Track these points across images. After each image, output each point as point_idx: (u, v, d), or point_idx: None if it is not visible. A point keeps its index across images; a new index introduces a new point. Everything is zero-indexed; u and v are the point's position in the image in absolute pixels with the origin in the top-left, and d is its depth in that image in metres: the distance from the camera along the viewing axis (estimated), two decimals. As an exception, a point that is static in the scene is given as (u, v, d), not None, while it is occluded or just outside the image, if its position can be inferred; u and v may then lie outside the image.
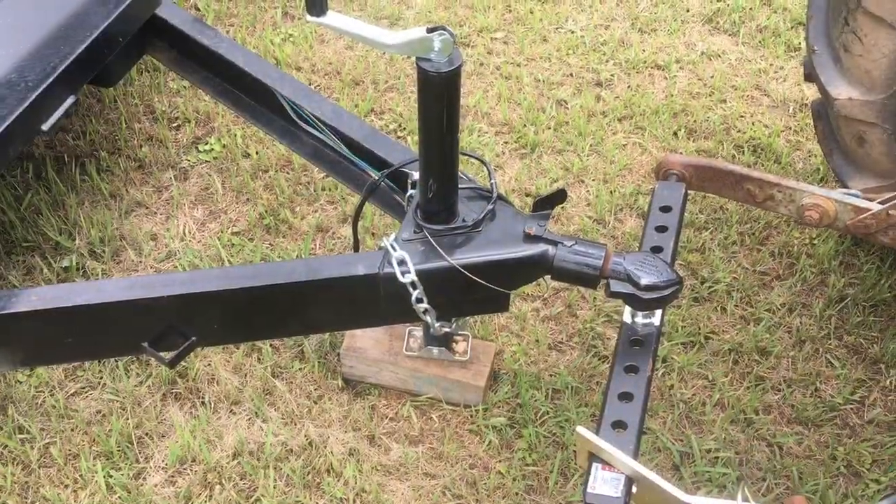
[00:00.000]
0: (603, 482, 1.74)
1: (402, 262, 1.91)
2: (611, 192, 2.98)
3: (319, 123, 2.32)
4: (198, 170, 3.05)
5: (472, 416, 2.36)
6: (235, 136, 3.13)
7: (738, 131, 3.21)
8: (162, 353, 1.94)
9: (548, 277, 1.97)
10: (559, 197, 2.02)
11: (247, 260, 2.72)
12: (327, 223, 2.86)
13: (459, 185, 2.01)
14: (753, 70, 3.48)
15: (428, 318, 2.02)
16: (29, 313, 1.81)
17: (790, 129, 3.24)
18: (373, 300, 1.96)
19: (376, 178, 2.22)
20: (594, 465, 1.75)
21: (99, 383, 2.42)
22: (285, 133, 2.48)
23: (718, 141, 3.16)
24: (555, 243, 1.94)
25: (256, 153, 3.07)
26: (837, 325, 2.58)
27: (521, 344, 2.53)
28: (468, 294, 1.98)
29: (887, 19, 2.17)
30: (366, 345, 2.39)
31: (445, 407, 2.38)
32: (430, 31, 1.66)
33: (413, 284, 1.92)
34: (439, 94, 1.73)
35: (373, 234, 2.82)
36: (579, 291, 2.67)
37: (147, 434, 2.31)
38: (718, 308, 2.63)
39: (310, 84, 3.35)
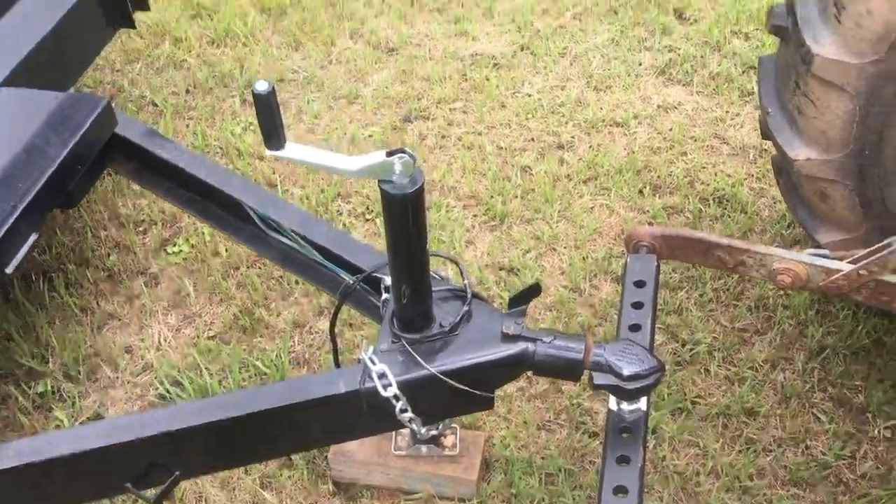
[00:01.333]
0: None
1: (382, 376, 1.89)
2: (583, 258, 2.99)
3: (289, 231, 2.30)
4: (168, 273, 3.02)
5: (467, 511, 2.34)
6: (203, 234, 3.11)
7: (702, 183, 3.25)
8: (146, 491, 1.89)
9: None
10: (534, 291, 2.01)
11: (226, 366, 2.68)
12: (303, 318, 2.84)
13: (433, 288, 2.00)
14: (710, 119, 3.53)
15: (414, 426, 1.99)
16: (7, 470, 1.76)
17: (752, 175, 3.28)
18: (356, 415, 1.94)
19: (350, 281, 2.20)
20: (596, 566, 1.73)
21: (83, 513, 2.36)
22: (254, 239, 2.46)
23: (684, 195, 3.19)
24: (534, 340, 1.93)
25: (226, 251, 3.04)
26: (821, 377, 2.59)
27: (510, 427, 2.51)
28: (452, 399, 1.96)
29: (837, 83, 2.21)
30: (353, 447, 2.36)
31: (439, 503, 2.35)
32: (389, 154, 1.66)
33: (396, 397, 1.90)
34: (404, 214, 1.73)
35: (350, 324, 2.79)
36: (562, 367, 2.65)
37: (137, 565, 2.25)
38: (702, 370, 2.63)
39: (273, 173, 3.35)
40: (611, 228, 3.10)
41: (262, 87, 1.61)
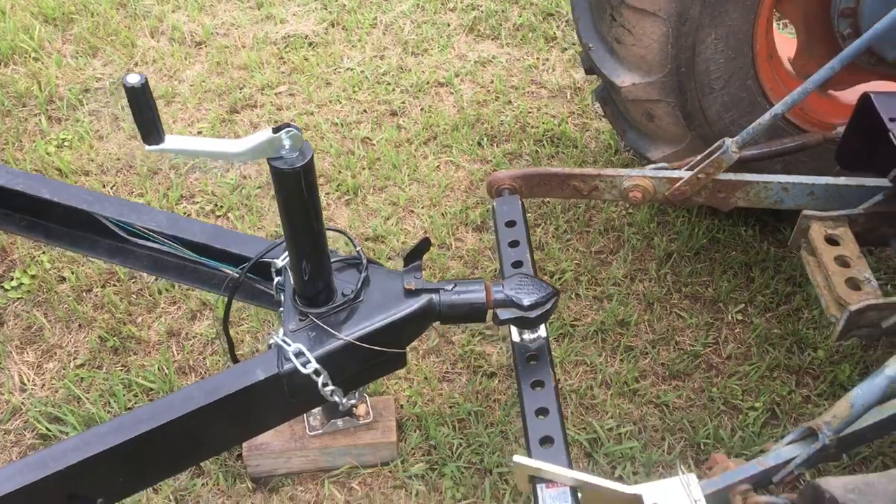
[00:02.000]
0: (552, 500, 1.83)
1: (299, 354, 1.89)
2: (442, 214, 3.08)
3: (156, 235, 2.21)
4: (12, 310, 2.79)
5: (392, 473, 2.38)
6: (42, 262, 2.90)
7: (532, 127, 3.44)
8: (71, 527, 1.78)
9: None
10: (425, 246, 2.08)
11: (107, 390, 2.54)
12: (177, 326, 2.73)
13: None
14: (524, 67, 3.72)
15: (336, 398, 2.00)
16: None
17: (574, 113, 3.51)
18: (279, 399, 1.92)
19: (235, 274, 2.16)
20: (538, 486, 1.84)
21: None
22: (114, 252, 2.32)
23: (519, 140, 3.37)
24: (436, 290, 2.00)
25: (73, 274, 2.86)
26: (674, 280, 2.86)
27: (413, 386, 2.57)
28: (369, 363, 1.99)
29: (649, 10, 2.42)
30: (267, 439, 2.33)
31: (363, 472, 2.38)
32: (275, 130, 1.65)
33: (316, 372, 1.90)
34: (297, 187, 1.73)
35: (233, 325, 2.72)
36: (447, 319, 2.74)
37: None
38: (573, 295, 2.82)
39: (104, 187, 3.17)
40: (460, 183, 3.22)
41: (133, 79, 1.55)
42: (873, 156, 2.05)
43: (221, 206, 3.11)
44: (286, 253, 2.03)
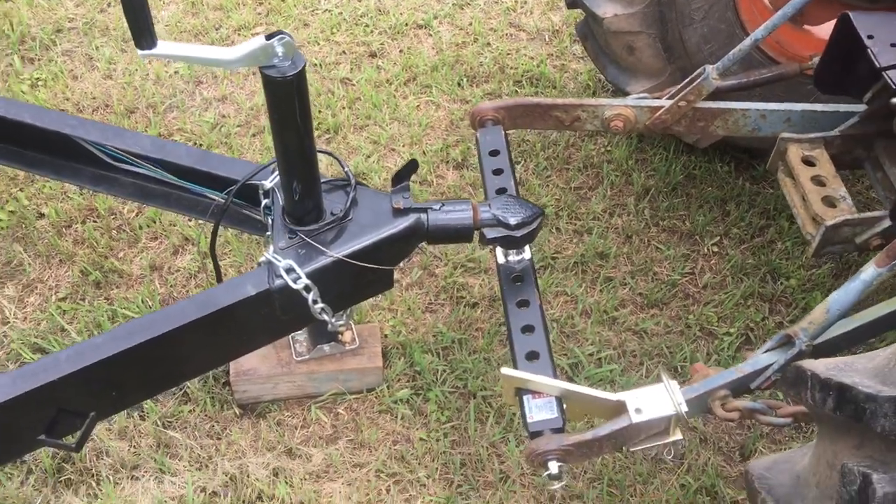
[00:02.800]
0: (538, 409, 1.89)
1: (290, 270, 1.91)
2: (423, 152, 3.10)
3: (139, 160, 2.20)
4: (-10, 246, 2.77)
5: (378, 398, 2.42)
6: (19, 199, 2.87)
7: (511, 68, 3.45)
8: (63, 440, 1.80)
9: None
10: (412, 167, 2.10)
11: (92, 321, 2.53)
12: (159, 260, 2.73)
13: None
14: (503, 10, 3.72)
15: (325, 317, 2.03)
16: None
17: (552, 55, 3.53)
18: (270, 315, 1.94)
19: (221, 199, 2.16)
20: (524, 397, 1.89)
21: (-27, 502, 2.18)
22: (98, 180, 2.31)
23: (498, 81, 3.38)
24: (424, 210, 2.03)
25: (52, 210, 2.83)
26: (652, 214, 2.91)
27: (397, 316, 2.60)
28: (357, 282, 2.02)
29: (631, -60, 2.44)
30: (254, 364, 2.35)
31: (350, 398, 2.42)
32: (268, 38, 1.65)
33: (307, 288, 1.92)
34: (289, 98, 1.73)
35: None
36: (431, 252, 2.78)
37: (53, 532, 2.13)
38: (553, 229, 2.86)
39: (81, 124, 3.12)
40: (440, 122, 3.23)
41: (125, -20, 1.53)
42: (850, 78, 2.10)
43: (201, 145, 3.09)
44: (274, 174, 2.04)
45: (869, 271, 1.70)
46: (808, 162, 2.14)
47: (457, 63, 3.46)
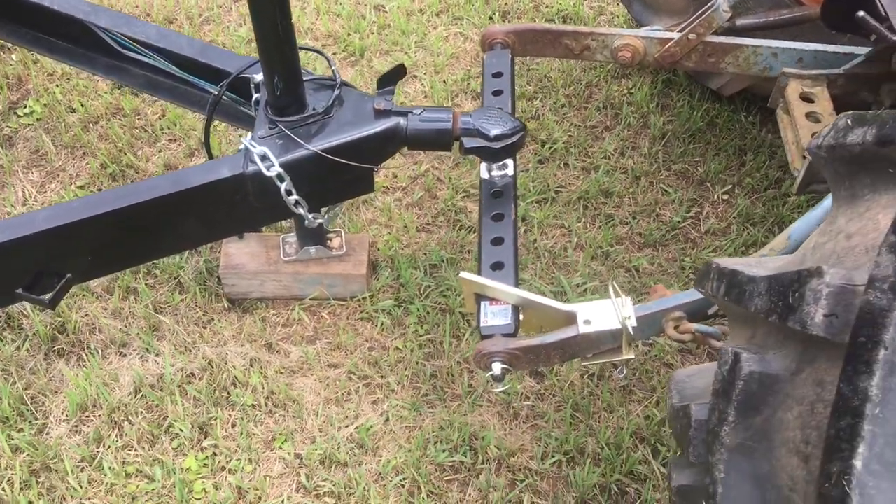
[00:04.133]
0: (493, 315, 1.90)
1: (264, 157, 1.96)
2: (444, 81, 3.11)
3: (146, 49, 2.29)
4: (22, 134, 2.92)
5: (360, 305, 2.47)
6: (55, 93, 3.01)
7: (546, 6, 3.41)
8: (40, 297, 1.91)
9: (404, 164, 2.07)
10: (399, 72, 2.12)
11: (100, 208, 2.66)
12: (174, 160, 2.83)
13: (304, 79, 2.07)
14: (549, -50, 3.67)
15: (300, 210, 2.08)
16: None
17: (592, -3, 3.47)
18: (243, 201, 2.01)
19: (216, 92, 2.23)
20: (482, 302, 1.91)
21: (-27, 359, 2.34)
22: (111, 69, 2.42)
23: (531, 18, 3.35)
24: (405, 114, 2.05)
25: (83, 106, 2.97)
26: (665, 158, 2.86)
27: (392, 232, 2.64)
28: (333, 178, 2.06)
29: None
30: (243, 260, 2.43)
31: (333, 303, 2.47)
32: (246, -83, 1.69)
33: (280, 177, 1.98)
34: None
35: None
36: (435, 175, 2.80)
37: (39, 392, 2.27)
38: (561, 164, 2.85)
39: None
40: (466, 53, 3.23)
41: None
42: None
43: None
44: (266, 67, 2.09)
45: (830, 198, 1.64)
46: (807, 98, 2.07)
47: (492, -2, 3.44)
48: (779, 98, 2.15)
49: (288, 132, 2.01)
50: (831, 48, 2.23)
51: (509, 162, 2.15)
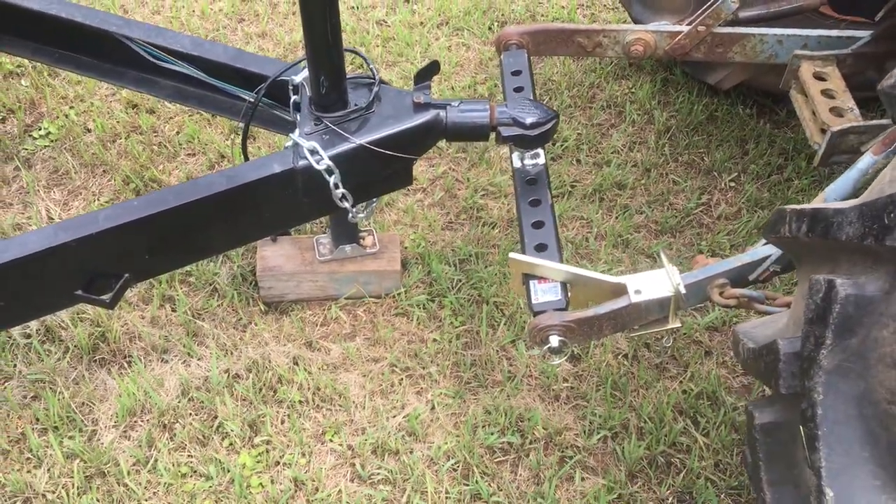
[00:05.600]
0: (543, 292, 1.98)
1: (314, 152, 2.03)
2: (451, 88, 3.21)
3: (177, 58, 2.34)
4: (40, 155, 2.94)
5: (395, 302, 2.52)
6: (69, 115, 3.04)
7: (542, 15, 3.54)
8: (100, 297, 1.93)
9: (422, 166, 2.14)
10: (434, 68, 2.21)
11: (129, 221, 2.68)
12: (196, 173, 2.87)
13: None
14: (538, -37, 3.81)
15: (346, 204, 2.14)
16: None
17: (583, 4, 3.62)
18: (293, 196, 2.06)
19: (252, 98, 2.28)
20: (531, 282, 1.98)
21: (14, 373, 2.33)
22: (140, 82, 2.47)
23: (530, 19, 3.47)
24: (443, 106, 2.13)
25: (98, 125, 2.99)
26: (671, 151, 2.98)
27: (418, 231, 2.71)
28: (377, 171, 2.13)
29: None
30: (279, 262, 2.47)
31: (368, 301, 2.52)
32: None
33: (329, 170, 2.04)
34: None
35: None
36: (453, 176, 2.88)
37: (86, 401, 2.27)
38: (574, 160, 2.95)
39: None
40: (470, 62, 3.34)
41: None
42: (863, -3, 2.16)
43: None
44: (303, 71, 2.16)
45: (865, 160, 1.76)
46: (820, 77, 2.20)
47: (489, 8, 3.56)
48: (791, 80, 2.28)
49: (334, 127, 2.07)
50: (834, 33, 2.38)
51: (540, 151, 2.24)
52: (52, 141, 2.98)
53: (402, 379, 2.36)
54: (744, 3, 2.55)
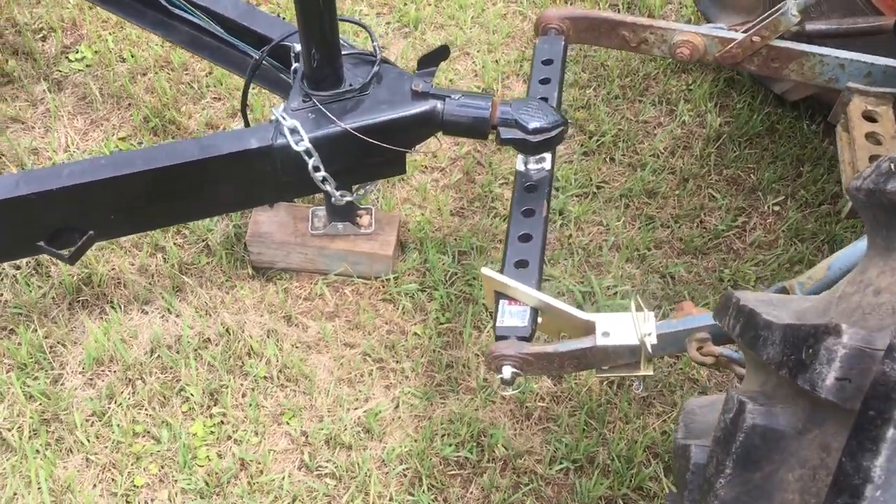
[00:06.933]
0: (510, 315, 1.84)
1: (294, 131, 1.92)
2: (496, 61, 3.02)
3: (191, 6, 2.25)
4: (72, 79, 2.93)
5: (384, 286, 2.43)
6: (107, 41, 3.01)
7: (611, -9, 3.28)
8: (61, 251, 1.91)
9: (445, 144, 2.01)
10: (442, 53, 2.05)
11: (137, 163, 2.66)
12: (216, 119, 2.81)
13: (343, 52, 2.02)
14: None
15: (327, 187, 2.04)
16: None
17: (660, -16, 3.33)
18: (270, 173, 1.97)
19: (259, 54, 2.19)
20: (501, 301, 1.85)
21: (0, 299, 2.37)
22: (158, 24, 2.40)
23: (595, 1, 3.23)
24: (442, 98, 1.98)
25: (132, 56, 2.96)
26: (716, 162, 2.74)
27: (425, 214, 2.59)
28: (364, 158, 2.01)
29: None
30: (271, 229, 2.40)
31: (357, 281, 2.44)
32: None
33: (308, 152, 1.94)
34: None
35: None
36: (475, 158, 2.73)
37: (59, 342, 2.29)
38: (607, 158, 2.75)
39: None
40: (523, 33, 3.13)
41: None
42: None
43: (285, 17, 3.13)
44: (304, 39, 2.04)
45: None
46: (870, 117, 1.94)
47: (557, -23, 3.32)
48: (840, 113, 2.02)
49: (321, 107, 1.96)
50: (905, 65, 2.09)
51: (547, 155, 2.07)
52: (85, 66, 2.97)
53: (372, 370, 2.28)
54: (812, 13, 2.27)
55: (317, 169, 1.98)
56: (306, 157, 1.94)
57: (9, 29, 3.05)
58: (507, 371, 1.76)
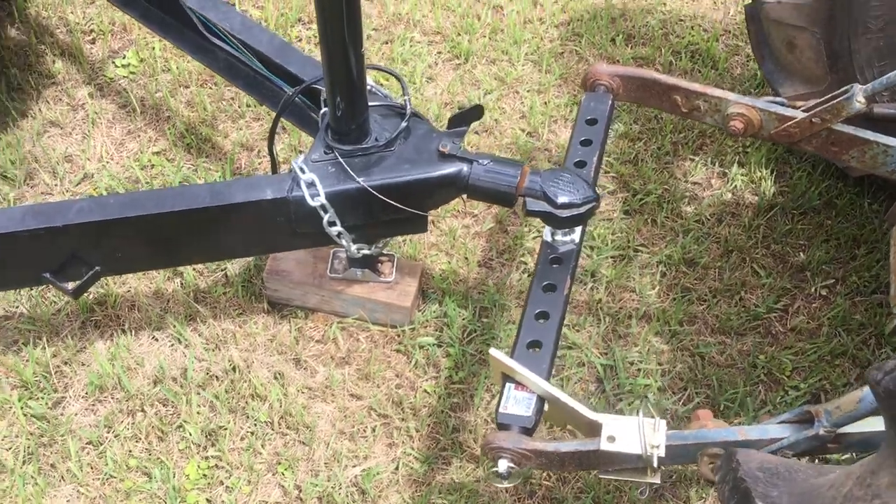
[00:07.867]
0: (515, 402, 1.74)
1: (311, 185, 1.85)
2: (545, 103, 2.90)
3: (229, 36, 2.20)
4: (115, 86, 2.91)
5: (399, 337, 2.35)
6: (154, 49, 2.98)
7: (677, 36, 3.13)
8: (65, 284, 1.87)
9: None
10: (475, 113, 1.96)
11: (166, 182, 2.62)
12: (252, 141, 2.76)
13: (372, 103, 1.93)
14: (697, -30, 3.36)
15: (343, 242, 1.97)
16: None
17: (729, 32, 3.16)
18: (284, 224, 1.91)
19: (289, 94, 2.12)
20: (507, 385, 1.76)
21: (16, 312, 2.36)
22: (198, 48, 2.36)
23: (656, 47, 3.08)
24: (470, 161, 1.89)
25: (177, 67, 2.93)
26: (765, 234, 2.58)
27: (451, 262, 2.50)
28: (382, 216, 1.93)
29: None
30: (289, 267, 2.34)
31: (373, 328, 2.36)
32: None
33: (323, 208, 1.86)
34: (337, 3, 1.63)
35: (300, 151, 2.73)
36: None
37: (65, 362, 2.27)
38: (649, 220, 2.61)
39: (231, -8, 3.19)
40: (577, 75, 3.00)
41: None
42: None
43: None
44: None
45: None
46: (931, 226, 1.78)
47: (620, 17, 3.18)
48: (898, 216, 1.86)
49: (342, 160, 1.88)
50: (978, 167, 1.91)
51: (577, 228, 1.96)
52: (130, 73, 2.95)
53: (376, 426, 2.20)
54: (883, 97, 2.10)
55: (332, 224, 1.90)
56: (321, 213, 1.87)
57: (60, 28, 3.05)
58: (504, 465, 1.67)
